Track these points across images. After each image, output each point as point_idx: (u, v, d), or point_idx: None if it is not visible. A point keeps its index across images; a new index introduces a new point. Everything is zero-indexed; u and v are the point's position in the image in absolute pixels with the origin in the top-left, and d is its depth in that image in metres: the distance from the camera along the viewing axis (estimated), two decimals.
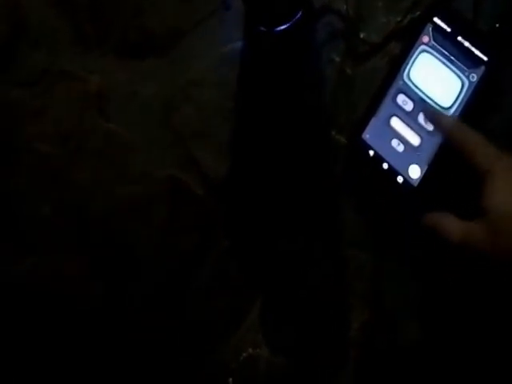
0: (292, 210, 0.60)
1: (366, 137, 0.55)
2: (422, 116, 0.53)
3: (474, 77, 0.51)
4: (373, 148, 0.55)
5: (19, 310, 0.63)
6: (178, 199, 0.62)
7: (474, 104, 0.51)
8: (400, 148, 0.54)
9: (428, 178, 0.52)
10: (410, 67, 0.54)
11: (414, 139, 0.53)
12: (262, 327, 0.60)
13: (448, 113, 0.52)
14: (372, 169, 0.55)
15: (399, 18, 0.58)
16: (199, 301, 0.61)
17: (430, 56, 0.53)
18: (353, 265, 0.59)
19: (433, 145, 0.52)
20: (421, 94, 0.53)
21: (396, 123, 0.54)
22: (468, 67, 0.52)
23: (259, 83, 0.61)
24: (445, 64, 0.52)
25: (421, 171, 0.52)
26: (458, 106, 0.51)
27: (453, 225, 0.46)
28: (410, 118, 0.53)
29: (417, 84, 0.53)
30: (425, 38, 0.53)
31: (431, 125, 0.52)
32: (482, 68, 0.51)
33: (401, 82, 0.54)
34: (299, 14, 0.58)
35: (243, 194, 0.61)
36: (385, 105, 0.54)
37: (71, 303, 0.63)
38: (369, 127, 0.55)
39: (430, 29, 0.53)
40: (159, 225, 0.62)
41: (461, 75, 0.52)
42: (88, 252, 0.63)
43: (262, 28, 0.59)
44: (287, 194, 0.60)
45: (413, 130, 0.53)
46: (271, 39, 0.60)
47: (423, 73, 0.53)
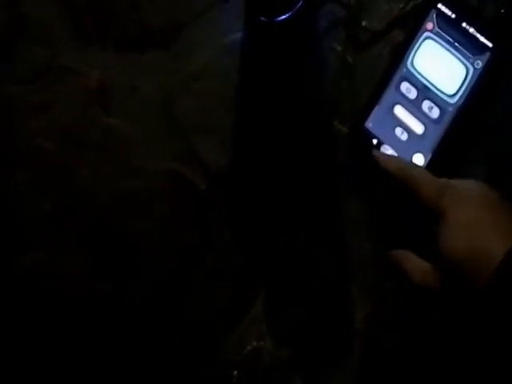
0: (294, 202, 0.60)
1: (369, 125, 0.54)
2: (427, 104, 0.52)
3: (479, 63, 0.50)
4: (376, 136, 0.54)
5: (19, 309, 0.63)
6: (180, 193, 0.61)
7: (479, 91, 0.50)
8: (404, 136, 0.53)
9: (432, 167, 0.51)
10: (414, 54, 0.53)
11: (418, 127, 0.52)
12: (266, 319, 0.60)
13: (453, 100, 0.51)
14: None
15: (402, 5, 0.58)
16: (199, 298, 0.61)
17: (434, 43, 0.52)
18: (356, 255, 0.58)
19: (437, 133, 0.51)
20: (425, 82, 0.52)
21: (400, 111, 0.53)
22: (473, 54, 0.51)
23: (261, 74, 0.60)
24: (449, 51, 0.51)
25: (425, 159, 0.52)
26: (463, 94, 0.51)
27: (413, 265, 0.46)
28: (414, 106, 0.53)
29: (421, 71, 0.52)
30: (429, 25, 0.52)
31: (436, 112, 0.51)
32: (487, 54, 0.50)
33: (404, 70, 0.53)
34: (300, 3, 0.58)
35: (245, 187, 0.61)
36: (388, 93, 0.54)
37: (71, 302, 0.62)
38: (372, 116, 0.54)
39: (434, 15, 0.52)
40: (160, 220, 0.61)
41: (465, 62, 0.51)
42: (88, 250, 0.62)
43: (263, 18, 0.59)
44: (289, 186, 0.60)
45: (417, 118, 0.52)
46: (272, 29, 0.59)
47: (427, 60, 0.52)
